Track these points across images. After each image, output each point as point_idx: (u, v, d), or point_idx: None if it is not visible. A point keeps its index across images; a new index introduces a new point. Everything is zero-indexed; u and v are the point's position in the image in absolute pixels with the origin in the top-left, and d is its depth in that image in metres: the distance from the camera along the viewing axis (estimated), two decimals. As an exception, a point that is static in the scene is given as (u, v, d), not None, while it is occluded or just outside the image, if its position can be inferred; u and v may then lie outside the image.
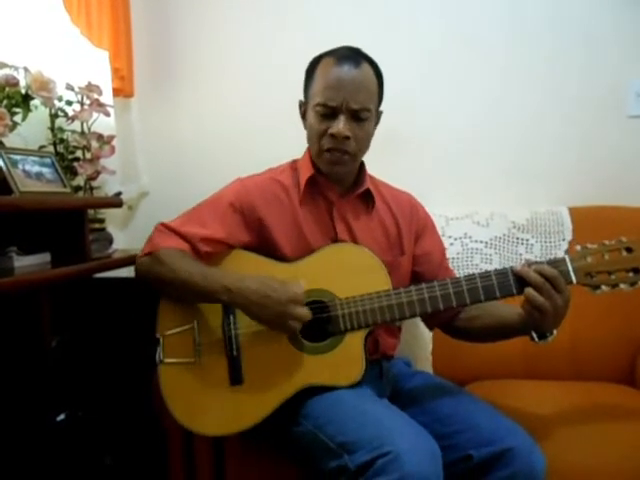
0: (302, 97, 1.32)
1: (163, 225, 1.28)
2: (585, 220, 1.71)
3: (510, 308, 1.22)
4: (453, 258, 1.74)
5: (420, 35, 1.94)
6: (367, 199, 1.33)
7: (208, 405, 1.19)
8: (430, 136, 1.95)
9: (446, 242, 1.75)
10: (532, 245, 1.73)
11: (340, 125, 1.20)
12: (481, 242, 1.76)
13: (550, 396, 1.48)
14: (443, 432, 1.13)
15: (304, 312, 1.13)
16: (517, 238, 1.75)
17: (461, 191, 1.93)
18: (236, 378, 1.19)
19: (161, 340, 1.22)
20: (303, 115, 1.31)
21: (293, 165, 1.36)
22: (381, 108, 1.31)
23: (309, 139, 1.28)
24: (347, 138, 1.21)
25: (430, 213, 1.73)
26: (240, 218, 1.27)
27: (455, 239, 1.76)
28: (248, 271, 1.23)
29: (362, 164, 1.34)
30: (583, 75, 1.87)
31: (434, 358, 1.63)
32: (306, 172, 1.29)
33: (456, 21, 1.92)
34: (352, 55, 1.23)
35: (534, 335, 1.15)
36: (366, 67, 1.23)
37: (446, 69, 1.93)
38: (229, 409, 1.19)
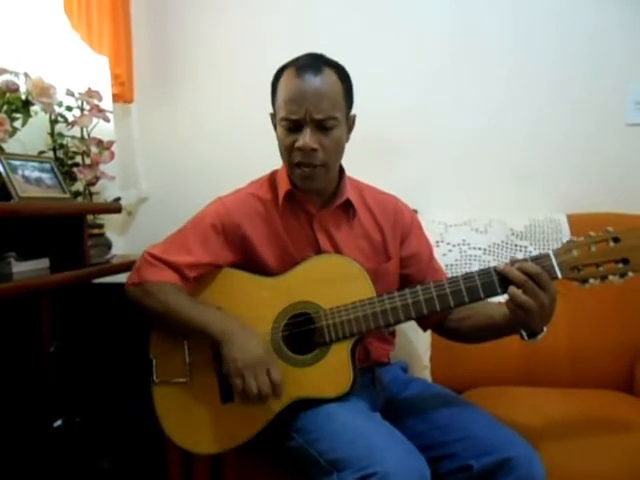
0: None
1: (150, 255, 1.27)
2: (583, 227, 1.66)
3: (500, 308, 1.20)
4: (451, 265, 1.74)
5: (422, 43, 1.94)
6: (348, 208, 1.30)
7: (201, 424, 1.21)
8: (429, 143, 1.95)
9: (444, 249, 1.76)
10: (530, 252, 1.74)
11: (306, 138, 1.17)
12: (479, 249, 1.76)
13: (549, 403, 1.48)
14: (441, 440, 1.13)
15: (266, 383, 1.11)
16: (515, 245, 1.75)
17: (459, 198, 1.93)
18: (227, 396, 1.20)
19: (154, 361, 1.24)
20: (275, 127, 1.28)
21: (271, 177, 1.34)
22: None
23: (280, 153, 1.26)
24: (314, 150, 1.18)
25: (429, 220, 1.75)
26: (223, 238, 1.27)
27: (453, 246, 1.76)
28: (235, 288, 1.25)
29: (342, 172, 1.32)
30: (583, 83, 1.88)
31: (432, 365, 1.63)
32: (284, 186, 1.28)
33: (458, 29, 1.93)
34: (313, 63, 1.19)
35: (524, 334, 1.14)
36: (328, 73, 1.19)
37: (446, 77, 1.94)
38: (222, 427, 1.20)
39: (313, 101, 1.16)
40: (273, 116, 1.29)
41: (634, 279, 1.09)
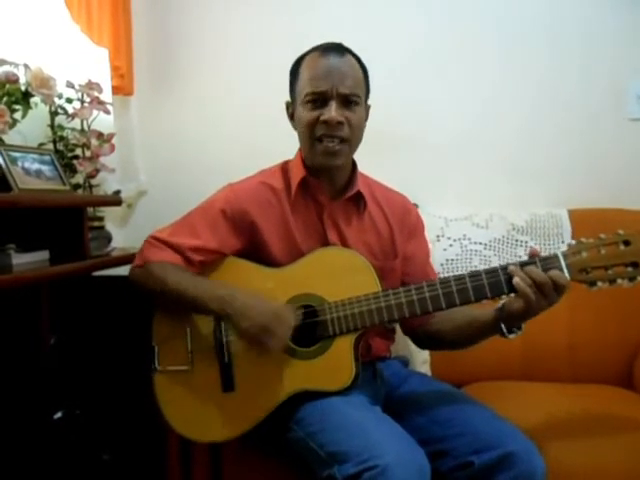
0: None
1: (154, 238, 1.27)
2: (584, 222, 1.71)
3: (480, 308, 1.20)
4: (452, 259, 1.74)
5: (418, 36, 1.94)
6: (359, 201, 1.30)
7: (202, 413, 1.21)
8: (429, 137, 1.95)
9: (445, 243, 1.76)
10: (531, 247, 1.73)
11: (332, 111, 1.18)
12: (480, 244, 1.75)
13: (548, 398, 1.48)
14: (441, 435, 1.13)
15: (284, 331, 1.13)
16: (516, 240, 1.75)
17: (460, 192, 1.93)
18: (228, 385, 1.20)
19: (156, 349, 1.24)
20: (291, 116, 1.29)
21: (284, 167, 1.34)
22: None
23: (300, 134, 1.26)
24: (340, 123, 1.19)
25: (429, 214, 1.75)
26: (231, 225, 1.26)
27: (454, 240, 1.76)
28: (240, 278, 1.24)
29: (354, 165, 1.32)
30: (583, 77, 1.87)
31: (432, 359, 1.63)
32: (298, 174, 1.27)
33: (454, 22, 1.92)
34: (336, 47, 1.24)
35: (504, 330, 1.13)
36: (350, 58, 1.24)
37: (447, 71, 1.93)
38: (222, 416, 1.20)
39: (339, 76, 1.19)
40: (290, 104, 1.29)
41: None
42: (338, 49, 1.23)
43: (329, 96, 1.19)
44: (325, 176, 1.27)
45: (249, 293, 1.18)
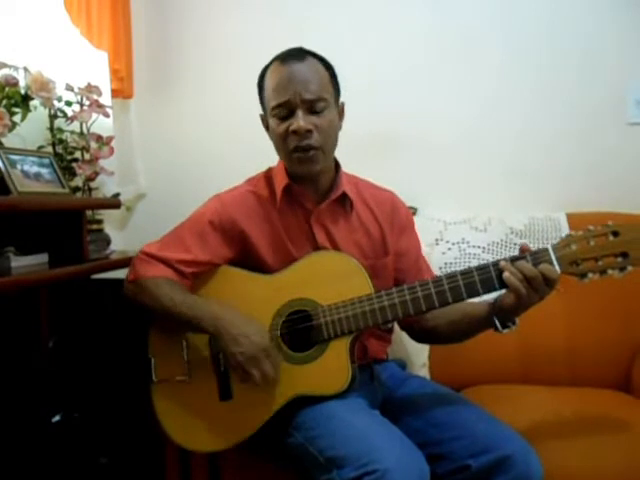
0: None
1: (144, 253, 1.26)
2: (583, 226, 1.70)
3: (473, 303, 1.20)
4: (451, 263, 1.74)
5: (417, 38, 1.94)
6: (345, 202, 1.30)
7: (200, 422, 1.21)
8: (429, 141, 1.95)
9: (444, 247, 1.76)
10: (522, 243, 1.73)
11: (299, 120, 1.17)
12: (479, 247, 1.75)
13: (546, 402, 1.48)
14: (438, 438, 1.13)
15: (270, 368, 1.13)
16: (515, 244, 1.75)
17: (459, 196, 1.93)
18: (225, 393, 1.20)
19: (153, 361, 1.24)
20: (267, 127, 1.29)
21: (268, 174, 1.34)
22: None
23: (276, 146, 1.26)
24: (309, 131, 1.19)
25: (428, 218, 1.75)
26: (220, 235, 1.27)
27: (453, 244, 1.76)
28: (233, 286, 1.25)
29: (338, 166, 1.32)
30: (582, 81, 1.87)
31: (431, 362, 1.63)
32: (281, 182, 1.27)
33: (454, 25, 1.93)
34: (295, 53, 1.23)
35: (498, 325, 1.14)
36: (312, 60, 1.22)
37: (443, 73, 1.94)
38: (220, 425, 1.20)
39: (301, 82, 1.18)
40: (263, 117, 1.30)
41: (632, 278, 1.08)
42: (297, 55, 1.22)
43: (294, 105, 1.18)
44: (308, 181, 1.27)
45: (242, 318, 1.17)
